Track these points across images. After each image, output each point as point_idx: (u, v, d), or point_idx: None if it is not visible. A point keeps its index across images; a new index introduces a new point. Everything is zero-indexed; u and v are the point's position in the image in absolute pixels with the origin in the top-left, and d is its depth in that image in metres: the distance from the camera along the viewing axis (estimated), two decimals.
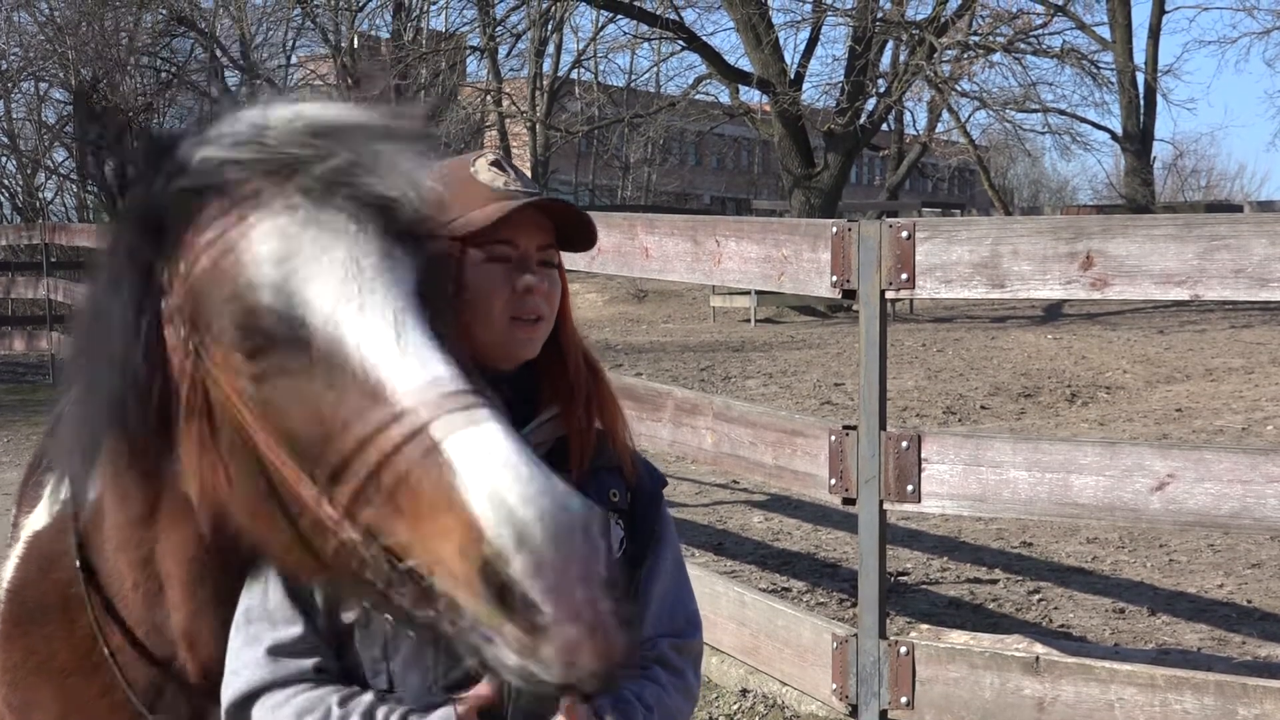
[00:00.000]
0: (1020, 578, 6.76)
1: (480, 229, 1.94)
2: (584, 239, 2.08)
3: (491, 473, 1.45)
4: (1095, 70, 27.47)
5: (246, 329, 1.57)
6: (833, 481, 4.23)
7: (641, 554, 2.05)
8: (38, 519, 1.99)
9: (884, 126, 30.07)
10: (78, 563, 1.83)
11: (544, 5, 28.68)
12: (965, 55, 25.20)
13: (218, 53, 28.55)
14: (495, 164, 2.03)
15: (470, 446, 1.48)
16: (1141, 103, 30.92)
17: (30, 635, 1.89)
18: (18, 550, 1.99)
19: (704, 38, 26.31)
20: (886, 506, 4.13)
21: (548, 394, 2.02)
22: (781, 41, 25.28)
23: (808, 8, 26.63)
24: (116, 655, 1.84)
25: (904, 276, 4.02)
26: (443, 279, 1.73)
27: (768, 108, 25.03)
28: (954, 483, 3.98)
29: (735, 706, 5.03)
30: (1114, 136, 31.88)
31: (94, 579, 1.83)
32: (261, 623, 1.83)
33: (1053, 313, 21.57)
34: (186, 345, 1.63)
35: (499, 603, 1.41)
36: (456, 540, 1.43)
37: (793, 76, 24.79)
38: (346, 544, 1.52)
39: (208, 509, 1.66)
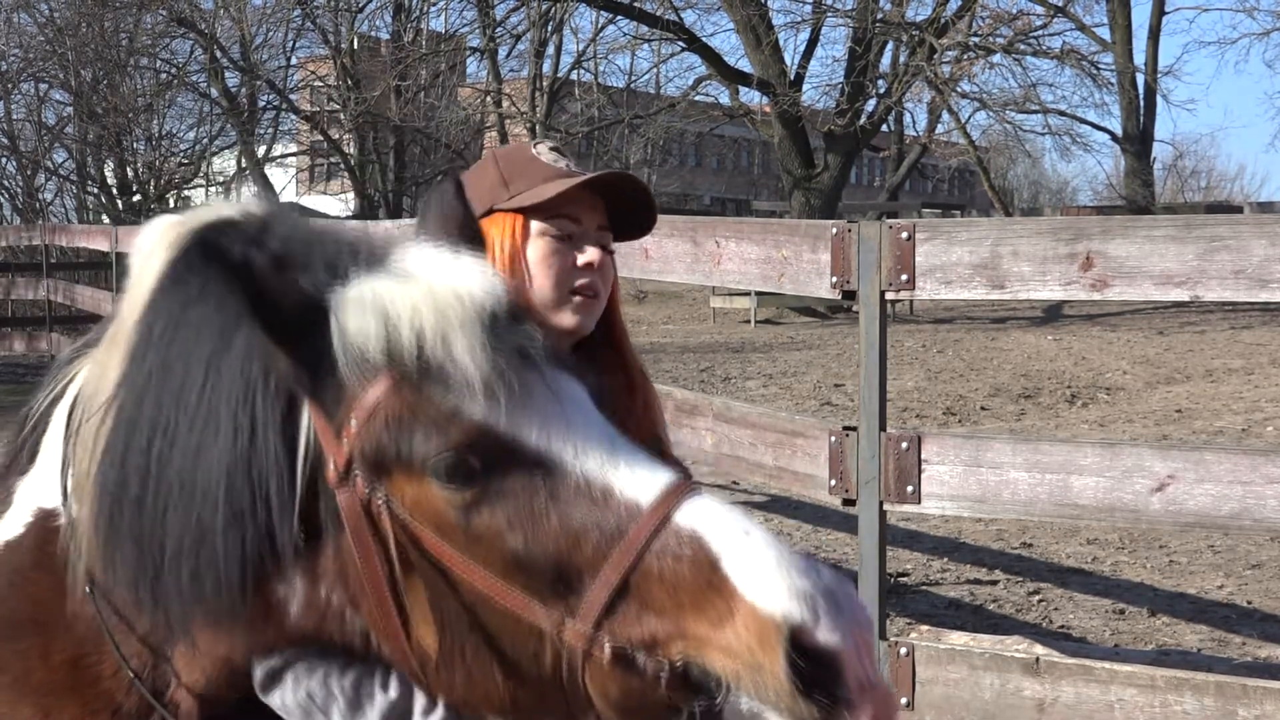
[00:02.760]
0: (1020, 578, 6.75)
1: (546, 202, 2.00)
2: (640, 223, 2.13)
3: (757, 554, 1.47)
4: (1095, 71, 27.50)
5: (459, 453, 1.55)
6: (833, 482, 4.23)
7: None
8: (9, 528, 1.87)
9: (884, 127, 30.11)
10: (88, 589, 1.75)
11: (544, 6, 28.70)
12: (965, 56, 25.22)
13: (218, 54, 28.54)
14: (555, 149, 2.12)
15: (722, 531, 1.50)
16: (1141, 103, 30.91)
17: (0, 650, 1.81)
18: None
19: (704, 39, 26.36)
20: (886, 507, 4.13)
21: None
22: (781, 42, 25.35)
23: (808, 9, 26.68)
24: (109, 679, 1.78)
25: (904, 277, 4.01)
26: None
27: (768, 109, 25.03)
28: (954, 484, 3.97)
29: None
30: (1114, 137, 31.88)
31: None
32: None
33: (1053, 314, 21.58)
34: (371, 496, 1.58)
35: (796, 679, 1.42)
36: (746, 626, 1.44)
37: (793, 77, 24.81)
38: (598, 656, 1.51)
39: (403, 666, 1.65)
